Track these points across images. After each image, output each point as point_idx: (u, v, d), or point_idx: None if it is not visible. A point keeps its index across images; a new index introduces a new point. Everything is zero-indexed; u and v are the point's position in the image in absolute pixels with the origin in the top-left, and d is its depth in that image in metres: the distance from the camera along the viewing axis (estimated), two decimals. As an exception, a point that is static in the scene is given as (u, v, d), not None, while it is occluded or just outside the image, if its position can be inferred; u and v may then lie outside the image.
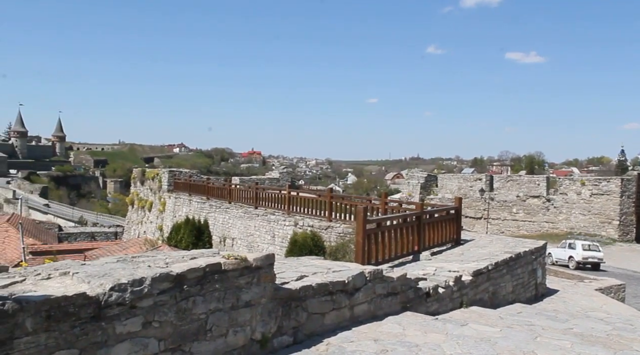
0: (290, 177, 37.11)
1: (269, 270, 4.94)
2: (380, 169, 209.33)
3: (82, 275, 3.99)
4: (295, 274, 5.78)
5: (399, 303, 6.65)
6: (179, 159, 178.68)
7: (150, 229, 30.23)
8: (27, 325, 3.32)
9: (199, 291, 4.32)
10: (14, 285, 3.84)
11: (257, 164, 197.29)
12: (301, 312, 5.32)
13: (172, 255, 5.00)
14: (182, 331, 4.22)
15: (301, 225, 16.90)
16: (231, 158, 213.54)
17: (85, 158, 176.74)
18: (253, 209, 20.25)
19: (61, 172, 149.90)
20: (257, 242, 19.32)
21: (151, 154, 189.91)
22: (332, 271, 6.17)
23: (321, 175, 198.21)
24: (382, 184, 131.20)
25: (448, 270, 8.48)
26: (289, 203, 18.32)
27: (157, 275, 4.00)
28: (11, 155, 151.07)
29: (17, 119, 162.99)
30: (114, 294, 3.75)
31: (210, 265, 4.42)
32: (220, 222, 22.24)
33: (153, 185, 31.03)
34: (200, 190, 25.65)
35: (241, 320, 4.70)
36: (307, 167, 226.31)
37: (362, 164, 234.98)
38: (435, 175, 48.05)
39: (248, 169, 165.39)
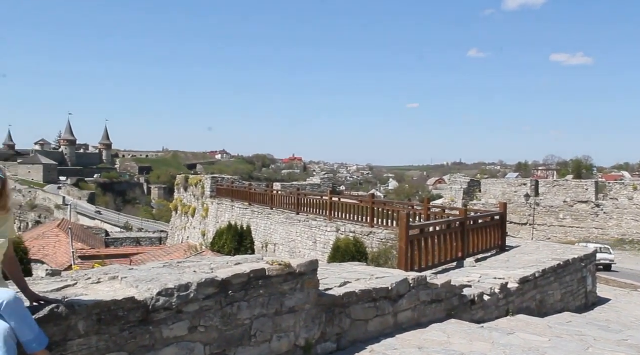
0: (332, 183, 37.15)
1: (312, 277, 4.94)
2: (421, 174, 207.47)
3: (130, 279, 4.07)
4: (338, 280, 5.76)
5: (444, 310, 6.54)
6: (221, 165, 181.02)
7: (194, 234, 30.70)
8: (79, 328, 3.41)
9: (243, 297, 4.35)
10: (66, 288, 3.95)
11: (298, 170, 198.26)
12: (345, 319, 5.30)
13: (216, 261, 5.06)
14: (227, 336, 4.25)
15: (343, 231, 16.87)
16: (272, 164, 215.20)
17: (130, 165, 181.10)
18: (295, 215, 20.32)
19: (108, 179, 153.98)
20: (299, 248, 19.37)
21: (194, 161, 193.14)
22: (376, 278, 6.13)
23: (362, 181, 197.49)
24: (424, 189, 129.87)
25: (493, 278, 8.31)
26: (330, 209, 18.32)
27: (202, 280, 4.05)
28: (61, 162, 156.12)
29: (67, 127, 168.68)
30: (161, 298, 3.81)
31: (255, 271, 4.44)
32: (263, 228, 22.41)
33: (196, 192, 31.53)
34: (242, 196, 25.92)
35: (285, 326, 4.71)
36: (348, 172, 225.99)
37: (403, 170, 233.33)
38: (479, 181, 47.21)
39: (289, 175, 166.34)
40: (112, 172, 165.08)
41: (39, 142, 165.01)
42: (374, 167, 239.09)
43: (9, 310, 3.01)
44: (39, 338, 3.12)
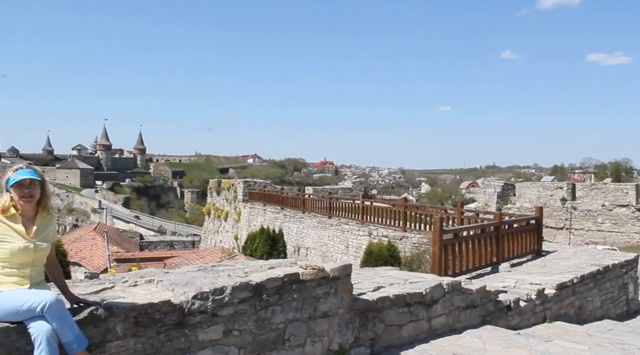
0: (363, 187, 37.01)
1: (346, 281, 4.92)
2: (454, 178, 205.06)
3: (166, 283, 4.13)
4: (371, 285, 5.73)
5: (479, 316, 6.44)
6: (252, 169, 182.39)
7: (226, 238, 30.97)
8: (117, 330, 3.47)
9: (277, 301, 4.37)
10: (104, 291, 4.03)
11: (330, 174, 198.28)
12: (378, 324, 5.27)
13: (250, 265, 5.09)
14: (261, 340, 4.27)
15: (375, 235, 16.79)
16: (304, 168, 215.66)
17: (164, 169, 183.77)
18: (327, 219, 20.32)
19: (142, 183, 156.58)
20: (331, 252, 19.35)
21: (226, 165, 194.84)
22: (409, 282, 6.08)
23: (394, 185, 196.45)
24: (457, 193, 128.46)
25: (529, 283, 8.15)
26: (362, 213, 18.26)
27: (237, 284, 4.08)
28: (97, 167, 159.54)
29: (103, 133, 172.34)
30: (196, 302, 3.85)
31: (289, 275, 4.45)
32: (295, 232, 22.47)
33: (229, 196, 31.81)
34: (274, 200, 26.04)
35: (319, 331, 4.71)
36: (380, 176, 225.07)
37: (435, 173, 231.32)
38: (513, 184, 46.41)
39: (321, 179, 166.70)
40: (146, 177, 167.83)
41: (76, 147, 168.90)
42: (405, 170, 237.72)
43: (51, 312, 3.09)
44: (79, 339, 3.19)
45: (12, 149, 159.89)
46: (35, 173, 3.40)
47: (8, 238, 3.25)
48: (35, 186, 3.37)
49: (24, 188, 3.33)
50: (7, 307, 3.11)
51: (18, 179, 3.31)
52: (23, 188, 3.33)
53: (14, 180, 3.31)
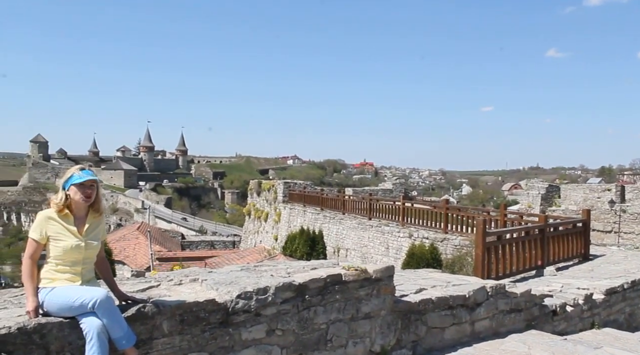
0: (404, 188, 36.74)
1: (388, 283, 4.90)
2: (496, 179, 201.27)
3: (210, 282, 4.19)
4: (414, 287, 5.69)
5: (523, 320, 6.31)
6: (292, 170, 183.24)
7: (266, 238, 31.20)
8: (164, 327, 3.54)
9: (319, 301, 4.38)
10: (150, 289, 4.12)
11: (370, 175, 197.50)
12: (420, 326, 5.22)
13: (292, 265, 5.12)
14: (304, 340, 4.29)
15: (416, 236, 16.64)
16: (343, 169, 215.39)
17: (205, 170, 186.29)
18: (367, 220, 20.24)
19: (183, 184, 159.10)
20: (371, 254, 19.27)
21: (266, 166, 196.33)
22: (452, 285, 6.01)
23: (434, 186, 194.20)
24: (499, 194, 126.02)
25: (576, 288, 7.92)
26: (403, 214, 18.12)
27: (280, 284, 4.11)
28: (140, 168, 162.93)
29: (146, 135, 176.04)
30: (240, 301, 3.89)
31: (331, 276, 4.46)
32: (334, 233, 22.46)
33: (269, 197, 32.04)
34: (314, 201, 26.10)
35: (361, 332, 4.70)
36: (420, 177, 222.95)
37: (477, 174, 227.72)
38: (558, 186, 45.16)
39: (360, 180, 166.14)
40: (188, 177, 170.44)
41: (120, 149, 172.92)
42: (446, 171, 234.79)
43: (102, 308, 3.18)
44: (128, 335, 3.28)
45: (61, 150, 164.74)
46: (96, 176, 3.52)
47: (61, 236, 3.37)
48: (94, 188, 3.48)
49: (86, 188, 3.44)
50: (61, 302, 3.22)
51: (83, 179, 3.43)
52: (85, 188, 3.44)
53: (80, 179, 3.43)
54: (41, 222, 3.38)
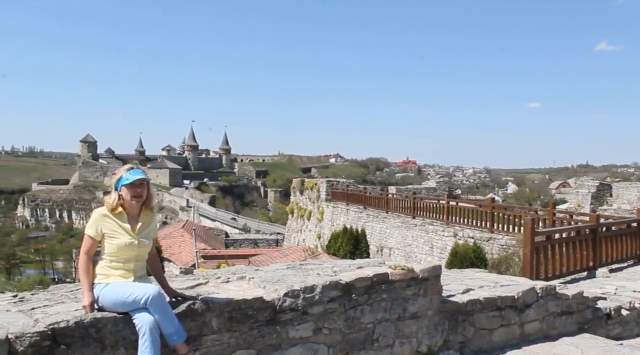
0: (447, 187, 36.26)
1: (435, 282, 4.84)
2: (543, 178, 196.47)
3: (257, 280, 4.23)
4: (460, 287, 5.60)
5: (575, 323, 6.13)
6: (335, 168, 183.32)
7: (309, 237, 31.31)
8: (213, 324, 3.59)
9: (366, 300, 4.37)
10: (199, 286, 4.18)
11: (412, 174, 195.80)
12: (468, 327, 5.14)
13: (338, 264, 5.12)
14: (350, 339, 4.28)
15: (461, 236, 16.41)
16: (386, 167, 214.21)
17: (248, 169, 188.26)
18: (410, 219, 20.07)
19: (227, 182, 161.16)
20: (415, 253, 19.11)
21: (308, 164, 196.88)
22: (500, 285, 5.89)
23: (479, 185, 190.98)
24: (546, 193, 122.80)
25: (632, 290, 7.64)
26: (447, 213, 17.89)
27: (327, 283, 4.11)
28: (185, 167, 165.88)
29: (190, 134, 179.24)
30: (287, 299, 3.92)
31: (378, 275, 4.44)
32: (378, 232, 22.37)
33: (312, 195, 32.13)
34: (357, 200, 26.04)
35: (407, 332, 4.66)
36: (464, 176, 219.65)
37: (523, 173, 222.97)
38: (609, 184, 43.70)
39: (403, 179, 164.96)
40: (231, 176, 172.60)
41: (166, 148, 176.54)
42: (491, 170, 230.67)
43: (154, 304, 3.25)
44: (179, 331, 3.34)
45: (108, 150, 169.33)
46: (145, 174, 3.59)
47: (116, 234, 3.46)
48: (145, 186, 3.56)
49: (136, 187, 3.52)
50: (115, 298, 3.31)
51: (132, 179, 3.51)
52: (135, 187, 3.52)
53: (128, 180, 3.51)
54: (97, 220, 3.47)
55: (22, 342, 2.94)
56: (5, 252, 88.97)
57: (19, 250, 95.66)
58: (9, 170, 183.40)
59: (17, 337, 2.94)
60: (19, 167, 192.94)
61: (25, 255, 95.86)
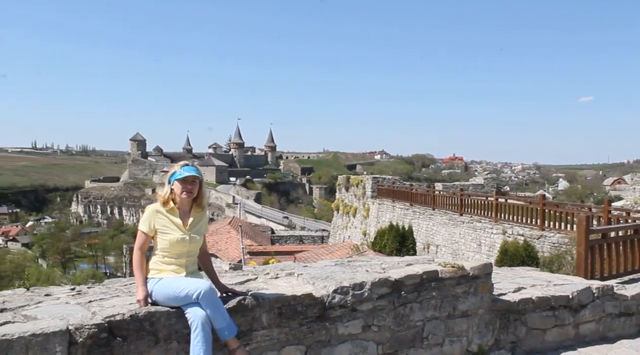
0: (495, 183, 35.55)
1: (486, 280, 4.75)
2: (596, 174, 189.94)
3: (306, 276, 4.24)
4: (512, 285, 5.48)
5: (635, 325, 5.90)
6: (380, 165, 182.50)
7: (355, 234, 31.24)
8: (263, 320, 3.62)
9: (415, 298, 4.32)
10: (248, 282, 4.23)
11: (459, 170, 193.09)
12: (520, 327, 5.02)
13: (387, 261, 5.08)
14: (400, 337, 4.25)
15: (510, 233, 16.04)
16: (432, 164, 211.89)
17: (293, 166, 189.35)
18: (458, 216, 19.75)
19: (272, 179, 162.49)
20: (462, 250, 18.81)
21: (353, 161, 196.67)
22: (553, 284, 5.73)
23: (528, 181, 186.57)
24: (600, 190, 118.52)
25: (694, 291, 7.30)
26: (496, 210, 17.52)
27: (376, 280, 4.08)
28: (231, 164, 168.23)
29: (236, 132, 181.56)
30: (336, 296, 3.91)
31: (428, 273, 4.39)
32: (424, 229, 22.11)
33: (357, 192, 32.04)
34: (403, 197, 25.81)
35: (457, 330, 4.59)
36: (513, 172, 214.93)
37: (575, 168, 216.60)
38: (668, 180, 41.88)
39: (450, 175, 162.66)
40: (277, 173, 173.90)
41: (212, 146, 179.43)
42: (541, 166, 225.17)
43: (206, 299, 3.30)
44: (230, 326, 3.38)
45: (157, 148, 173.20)
46: (197, 171, 3.64)
47: (168, 230, 3.53)
48: (196, 183, 3.62)
49: (187, 183, 3.58)
50: (168, 292, 3.37)
51: (184, 175, 3.56)
52: (187, 183, 3.58)
53: (181, 175, 3.57)
54: (150, 216, 3.55)
55: (82, 333, 3.05)
56: (61, 247, 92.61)
57: (73, 245, 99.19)
58: (64, 169, 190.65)
59: (76, 328, 3.05)
60: (73, 166, 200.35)
61: (79, 250, 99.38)
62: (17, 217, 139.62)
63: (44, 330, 2.95)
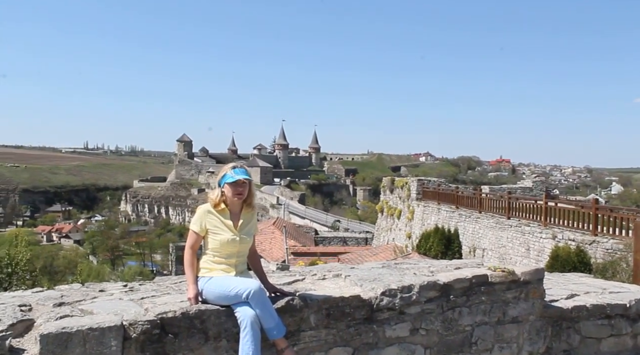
0: (545, 186, 34.67)
1: (538, 286, 4.63)
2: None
3: (354, 278, 4.22)
4: (564, 292, 5.32)
5: (696, 337, 5.64)
6: (424, 167, 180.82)
7: (399, 236, 31.00)
8: (311, 321, 3.63)
9: (464, 302, 4.25)
10: (296, 282, 4.24)
11: (506, 173, 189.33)
12: (573, 335, 4.87)
13: (434, 264, 5.02)
14: (448, 341, 4.19)
15: (560, 238, 15.61)
16: (478, 166, 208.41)
17: (337, 167, 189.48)
18: (505, 219, 19.35)
19: (316, 181, 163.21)
20: (510, 254, 18.41)
21: (398, 163, 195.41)
22: (608, 292, 5.53)
23: (579, 185, 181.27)
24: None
25: None
26: (546, 214, 17.08)
27: (425, 283, 4.04)
28: (275, 165, 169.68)
29: (280, 133, 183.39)
30: (384, 298, 3.88)
31: (477, 277, 4.31)
32: (470, 232, 21.75)
33: (402, 194, 31.78)
34: (448, 199, 25.47)
35: (507, 337, 4.49)
36: (562, 175, 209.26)
37: (629, 172, 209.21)
38: None
39: (496, 178, 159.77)
40: (321, 174, 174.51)
41: (257, 147, 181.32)
42: (592, 169, 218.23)
43: (255, 299, 3.33)
44: (278, 326, 3.40)
45: (203, 148, 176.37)
46: (248, 174, 3.69)
47: (219, 230, 3.58)
48: (246, 186, 3.66)
49: (238, 186, 3.63)
50: (218, 291, 3.43)
51: (235, 179, 3.62)
52: (237, 186, 3.63)
53: (232, 178, 3.62)
54: (201, 216, 3.61)
55: (135, 328, 3.13)
56: (110, 244, 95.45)
57: (122, 243, 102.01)
58: (114, 169, 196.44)
59: (130, 324, 3.13)
60: (122, 166, 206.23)
61: (127, 248, 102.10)
62: (70, 214, 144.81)
63: (100, 325, 3.04)
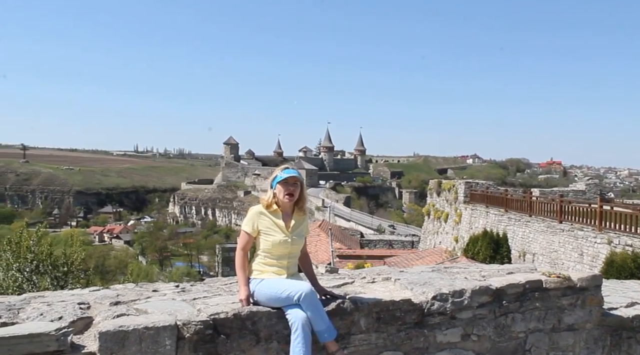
0: (599, 189, 33.52)
1: (595, 293, 4.47)
2: None
3: (404, 281, 4.19)
4: (623, 300, 5.13)
5: None
6: (472, 170, 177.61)
7: (446, 239, 30.56)
8: (361, 324, 3.62)
9: (517, 308, 4.16)
10: (345, 285, 4.24)
11: (557, 175, 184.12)
12: (635, 345, 4.69)
13: (485, 268, 4.93)
14: (500, 348, 4.10)
15: (616, 243, 15.06)
16: (527, 169, 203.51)
17: (383, 170, 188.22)
18: (557, 223, 18.80)
19: (362, 183, 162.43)
20: (562, 260, 17.88)
21: (444, 165, 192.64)
22: (670, 300, 5.30)
23: (636, 187, 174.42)
24: None
25: None
26: (600, 218, 16.51)
27: (477, 288, 3.97)
28: (321, 167, 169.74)
29: (326, 135, 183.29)
30: (435, 303, 3.84)
31: (531, 282, 4.21)
32: (520, 236, 21.24)
33: (449, 197, 31.34)
34: (497, 202, 24.94)
35: (563, 345, 4.36)
36: (618, 177, 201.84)
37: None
38: None
39: (547, 180, 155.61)
40: (366, 177, 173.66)
41: (302, 149, 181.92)
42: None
43: (306, 301, 3.35)
44: (329, 329, 3.40)
45: (249, 151, 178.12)
46: (298, 173, 3.72)
47: (271, 231, 3.62)
48: (297, 186, 3.69)
49: (289, 185, 3.67)
50: (270, 293, 3.45)
51: (285, 177, 3.65)
52: (288, 185, 3.67)
53: (281, 177, 3.66)
54: (253, 217, 3.65)
55: (189, 328, 3.19)
56: (159, 245, 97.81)
57: (170, 244, 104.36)
58: (162, 171, 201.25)
59: (184, 324, 3.20)
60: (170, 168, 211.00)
61: (175, 249, 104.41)
62: (120, 216, 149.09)
63: (155, 324, 3.11)
